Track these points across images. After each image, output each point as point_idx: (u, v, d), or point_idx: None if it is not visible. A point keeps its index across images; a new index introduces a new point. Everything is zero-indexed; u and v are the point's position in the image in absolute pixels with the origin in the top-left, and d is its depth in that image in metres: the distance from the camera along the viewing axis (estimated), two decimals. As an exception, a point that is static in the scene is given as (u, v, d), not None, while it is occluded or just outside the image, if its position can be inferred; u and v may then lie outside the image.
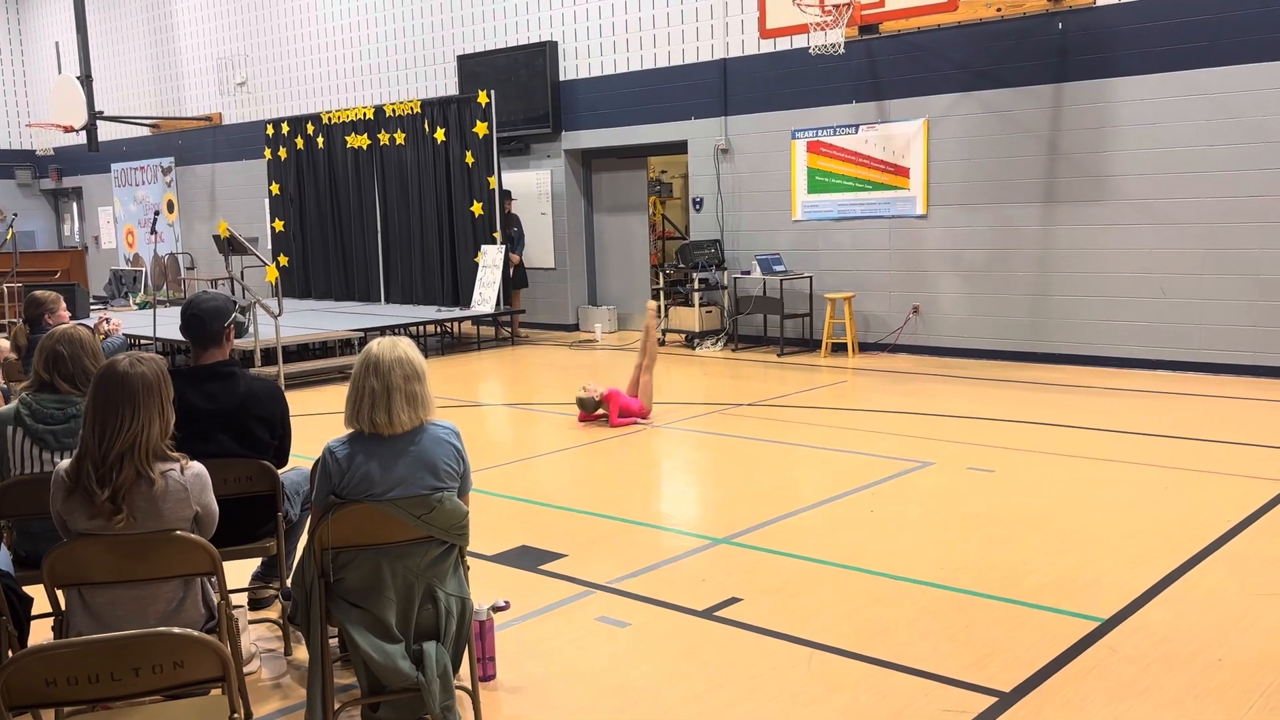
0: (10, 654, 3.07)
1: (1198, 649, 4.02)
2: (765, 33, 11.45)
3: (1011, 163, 10.63)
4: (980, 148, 10.81)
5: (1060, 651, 4.03)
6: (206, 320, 4.16)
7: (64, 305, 6.94)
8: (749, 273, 12.15)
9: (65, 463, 3.13)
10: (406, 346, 3.58)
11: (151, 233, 20.23)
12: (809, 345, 12.06)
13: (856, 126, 11.61)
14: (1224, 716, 3.52)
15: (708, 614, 4.51)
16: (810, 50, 11.12)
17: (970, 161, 10.89)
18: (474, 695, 3.63)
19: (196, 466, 3.24)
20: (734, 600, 4.64)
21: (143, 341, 11.83)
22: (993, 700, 3.67)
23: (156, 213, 15.74)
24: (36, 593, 3.42)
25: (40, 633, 3.52)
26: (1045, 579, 4.80)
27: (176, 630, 2.55)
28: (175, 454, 3.19)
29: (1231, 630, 4.18)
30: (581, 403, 8.54)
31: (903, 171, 11.33)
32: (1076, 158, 10.24)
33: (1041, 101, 10.38)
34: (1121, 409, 8.42)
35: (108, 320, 7.87)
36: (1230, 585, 4.66)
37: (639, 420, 8.46)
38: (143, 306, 16.56)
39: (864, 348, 11.68)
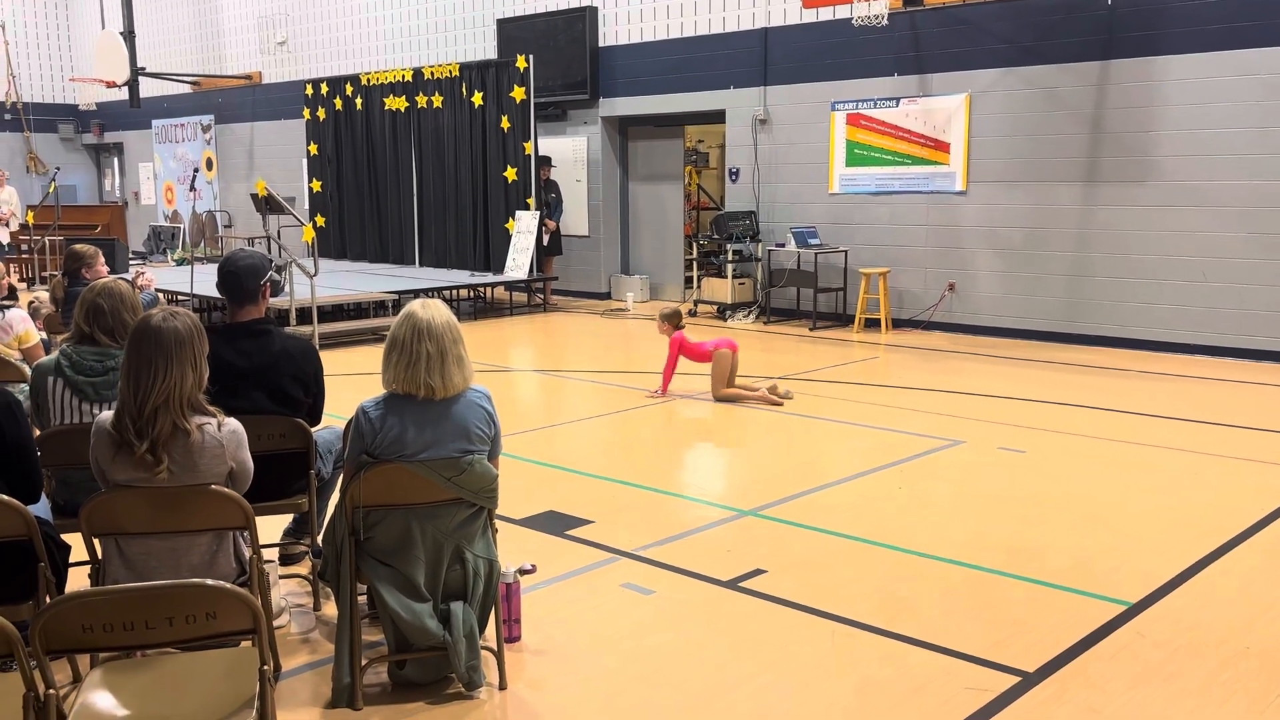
0: (49, 600, 3.14)
1: (1224, 636, 3.99)
2: (808, 2, 11.32)
3: (1054, 141, 10.47)
4: (1022, 125, 10.65)
5: (1086, 634, 4.02)
6: (242, 277, 4.20)
7: (102, 260, 7.01)
8: (784, 245, 12.09)
9: (107, 415, 3.18)
10: (447, 311, 3.61)
11: (190, 190, 20.39)
12: (842, 320, 11.99)
13: (897, 100, 11.47)
14: (1249, 704, 3.50)
15: (732, 584, 4.53)
16: (853, 21, 10.99)
17: (1012, 138, 10.73)
18: (499, 656, 3.67)
19: (233, 423, 3.28)
20: (759, 572, 4.66)
21: (179, 298, 11.95)
22: (1016, 680, 3.67)
23: (195, 170, 15.86)
24: (73, 540, 3.49)
25: (77, 580, 3.59)
26: (1073, 561, 4.77)
27: (210, 582, 2.59)
28: (211, 408, 3.23)
29: (1260, 619, 4.15)
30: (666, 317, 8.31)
31: (943, 147, 11.20)
32: (1121, 137, 10.07)
33: (1087, 79, 10.21)
34: (1157, 393, 8.33)
35: (142, 274, 7.95)
36: (1260, 574, 4.62)
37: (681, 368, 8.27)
38: (180, 263, 16.73)
39: (897, 324, 11.60)
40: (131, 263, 15.70)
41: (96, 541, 3.27)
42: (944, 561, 4.80)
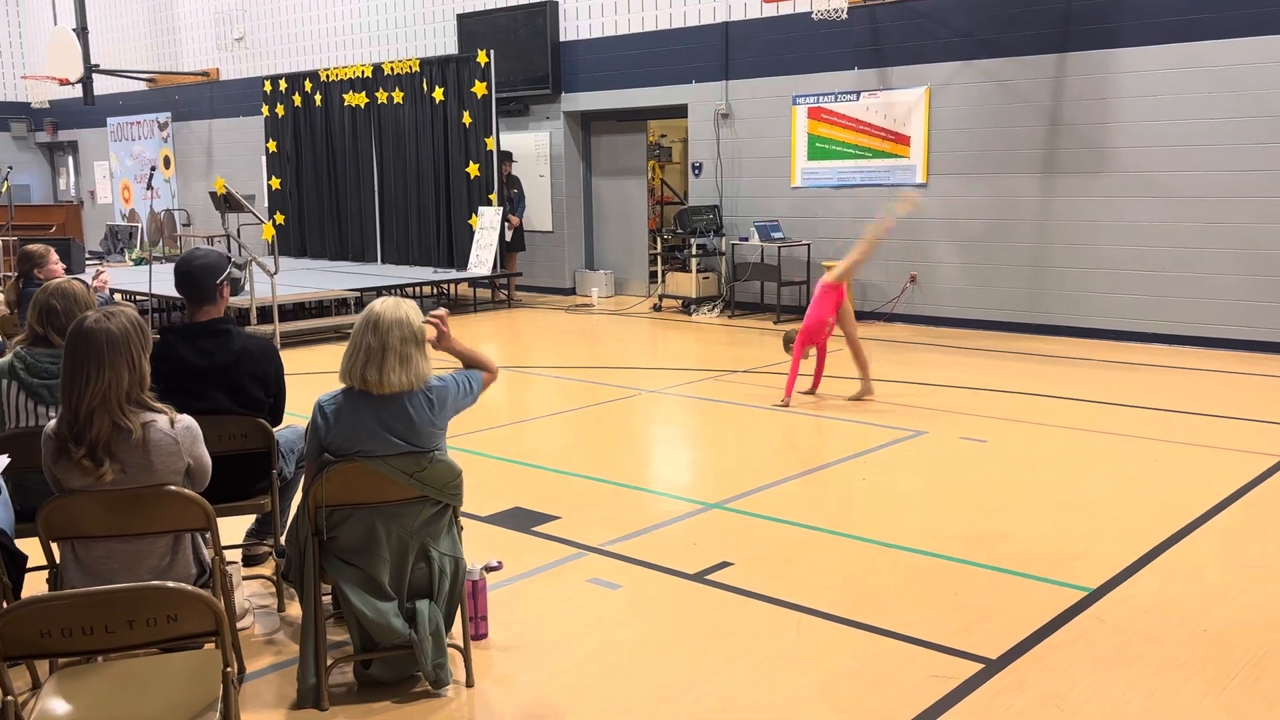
0: (4, 605, 3.09)
1: (1183, 620, 4.06)
2: (768, -3, 11.35)
3: (1012, 133, 10.58)
4: (981, 117, 10.75)
5: (1047, 620, 4.07)
6: (199, 277, 4.15)
7: (55, 258, 6.90)
8: (747, 239, 12.12)
9: (54, 422, 3.14)
10: (409, 309, 3.58)
11: (148, 188, 20.10)
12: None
13: (858, 93, 11.53)
14: (1206, 686, 3.56)
15: (699, 578, 4.55)
16: (813, 15, 11.04)
17: (971, 131, 10.83)
18: (465, 653, 3.66)
19: (187, 419, 3.25)
20: (725, 564, 4.68)
21: (138, 297, 11.80)
22: (979, 667, 3.71)
23: (153, 168, 15.68)
24: (29, 546, 3.44)
25: (34, 585, 3.53)
26: (1035, 548, 4.83)
27: (170, 584, 2.57)
28: (159, 405, 3.19)
29: (1217, 603, 4.22)
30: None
31: (903, 140, 11.28)
32: (1077, 129, 10.19)
33: (1043, 71, 10.31)
34: (1116, 381, 8.44)
35: (100, 273, 7.84)
36: (1217, 559, 4.70)
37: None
38: (138, 263, 16.51)
39: (861, 316, 11.63)
40: (89, 263, 15.46)
41: (55, 546, 3.22)
42: (908, 551, 4.85)
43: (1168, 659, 3.75)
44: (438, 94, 13.86)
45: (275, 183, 16.26)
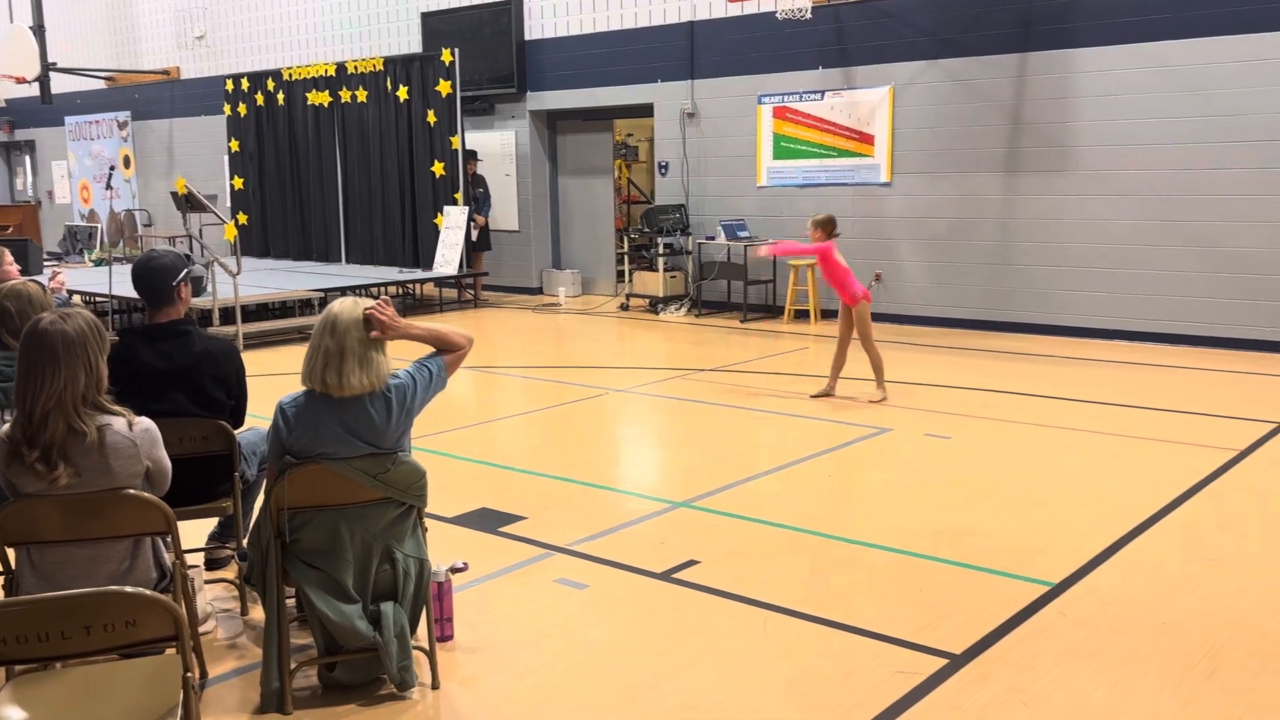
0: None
1: (1143, 613, 4.11)
2: (733, -4, 11.38)
3: (975, 132, 10.67)
4: (944, 116, 10.83)
5: (1011, 615, 4.10)
6: (155, 279, 4.08)
7: (9, 259, 6.77)
8: (714, 238, 12.14)
9: (8, 426, 3.09)
10: (363, 309, 3.56)
11: (107, 188, 19.85)
12: (772, 311, 12.09)
13: (822, 93, 11.59)
14: (1166, 678, 3.60)
15: (666, 576, 4.55)
16: (777, 15, 11.07)
17: (934, 130, 10.91)
18: (431, 655, 3.64)
19: (145, 421, 3.21)
20: (692, 563, 4.68)
21: (97, 299, 11.64)
22: (944, 662, 3.73)
23: (112, 168, 15.44)
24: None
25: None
26: (998, 544, 4.87)
27: (128, 589, 2.53)
28: (116, 407, 3.15)
29: (1176, 595, 4.28)
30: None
31: (868, 139, 11.34)
32: (1039, 128, 10.30)
33: (1006, 71, 10.41)
34: (1077, 377, 8.53)
35: (57, 274, 7.72)
36: (1177, 551, 4.76)
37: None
38: (98, 263, 16.28)
39: (826, 315, 11.73)
40: (46, 263, 15.23)
41: (10, 552, 3.17)
42: (873, 547, 4.87)
43: (1129, 651, 3.80)
44: (402, 93, 13.77)
45: (238, 182, 16.10)
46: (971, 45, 10.57)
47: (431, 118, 13.47)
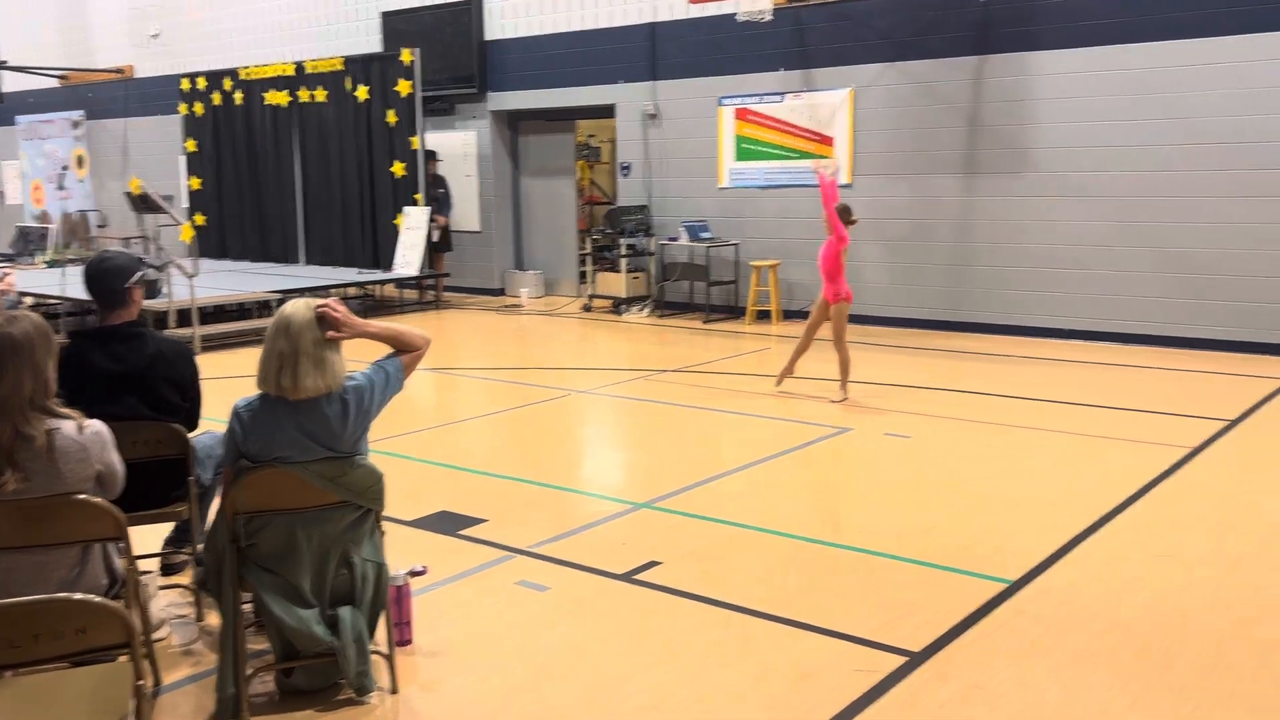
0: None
1: (1097, 610, 4.16)
2: (694, -2, 11.40)
3: (934, 134, 10.76)
4: (904, 118, 10.92)
5: (969, 612, 4.14)
6: (107, 280, 4.02)
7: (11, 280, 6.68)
8: (676, 239, 12.16)
9: None
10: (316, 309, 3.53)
11: (60, 188, 19.55)
12: (734, 312, 12.12)
13: (783, 95, 11.64)
14: (1119, 674, 3.65)
15: (627, 577, 4.54)
16: (738, 17, 11.11)
17: (894, 132, 11.00)
18: (390, 660, 3.62)
19: (96, 424, 3.16)
20: (653, 564, 4.68)
21: (50, 301, 11.45)
22: (903, 660, 3.76)
23: (65, 168, 15.18)
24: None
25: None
26: (957, 542, 4.92)
27: (78, 596, 2.49)
28: (66, 411, 3.10)
29: (1129, 592, 4.34)
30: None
31: (828, 140, 11.41)
32: (997, 130, 10.41)
33: (964, 73, 10.51)
34: (1035, 377, 8.63)
35: (6, 276, 7.59)
36: (1130, 549, 4.83)
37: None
38: (51, 265, 16.01)
39: (788, 315, 11.79)
40: (-3, 265, 14.96)
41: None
42: (833, 546, 4.90)
43: (1083, 649, 3.84)
44: (361, 93, 13.67)
45: (195, 183, 15.89)
46: (931, 48, 10.66)
47: (392, 118, 13.38)
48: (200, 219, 15.69)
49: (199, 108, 15.65)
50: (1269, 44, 9.03)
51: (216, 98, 15.39)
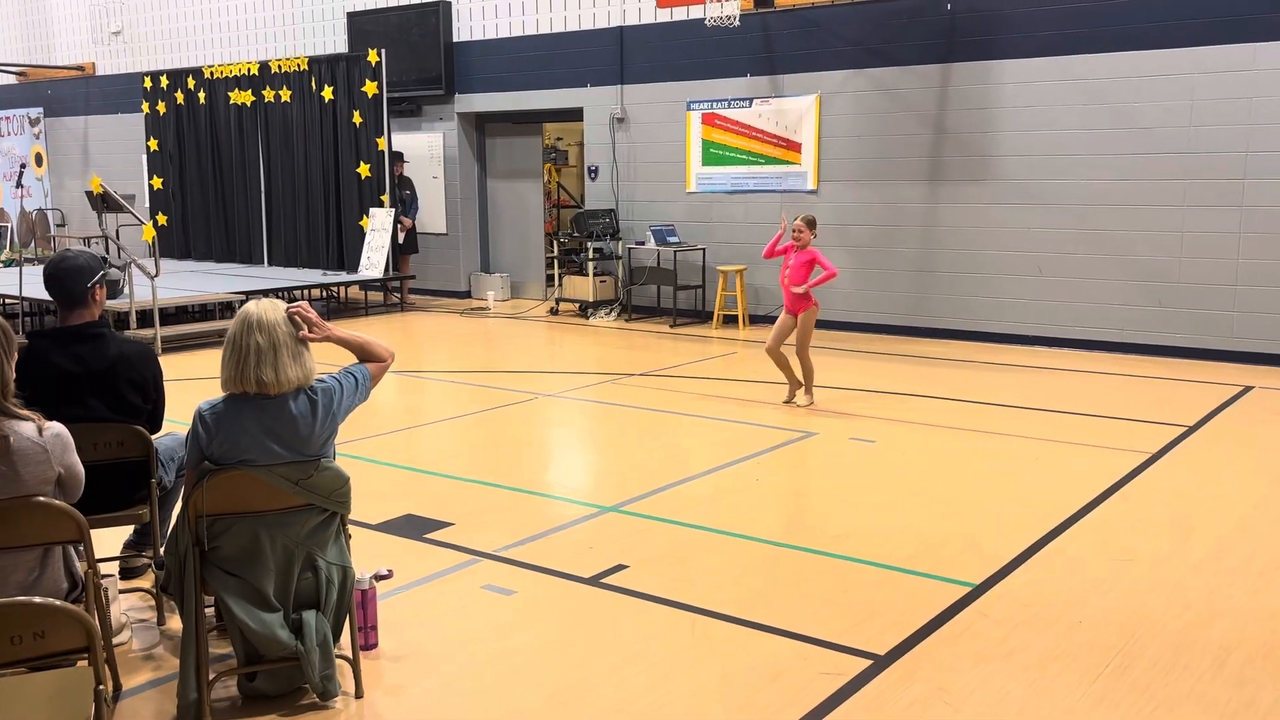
0: None
1: (1060, 612, 4.21)
2: (662, 2, 11.42)
3: (900, 141, 10.85)
4: (870, 125, 11.00)
5: (933, 615, 4.17)
6: (68, 280, 3.96)
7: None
8: (643, 243, 12.17)
9: None
10: (283, 308, 3.51)
11: (18, 186, 19.24)
12: (701, 317, 12.15)
13: (750, 100, 11.69)
14: (1081, 675, 3.70)
15: (594, 581, 4.54)
16: (706, 22, 11.14)
17: (860, 138, 11.07)
18: (354, 664, 3.59)
19: (56, 426, 3.11)
20: (620, 567, 4.68)
21: (7, 301, 11.27)
22: (868, 663, 3.78)
23: (23, 165, 14.94)
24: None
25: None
26: (921, 546, 4.95)
27: (37, 600, 2.45)
28: (25, 412, 3.05)
29: (1091, 594, 4.39)
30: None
31: (795, 146, 11.47)
32: (961, 137, 10.51)
33: (929, 81, 10.61)
34: (999, 383, 8.72)
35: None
36: (1092, 552, 4.89)
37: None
38: (8, 264, 15.75)
39: (754, 320, 11.83)
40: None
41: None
42: (799, 550, 4.92)
43: (1046, 650, 3.88)
44: (327, 93, 13.57)
45: (157, 182, 15.71)
46: (897, 55, 10.75)
47: (357, 118, 13.29)
48: (162, 219, 15.51)
49: (161, 106, 15.48)
50: (1217, 57, 9.20)
51: (179, 96, 15.22)
